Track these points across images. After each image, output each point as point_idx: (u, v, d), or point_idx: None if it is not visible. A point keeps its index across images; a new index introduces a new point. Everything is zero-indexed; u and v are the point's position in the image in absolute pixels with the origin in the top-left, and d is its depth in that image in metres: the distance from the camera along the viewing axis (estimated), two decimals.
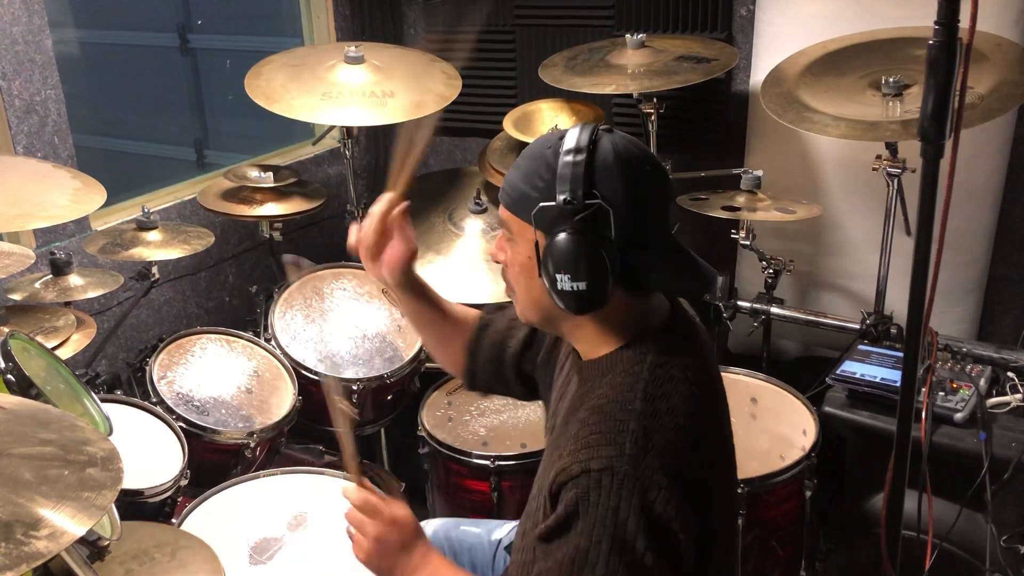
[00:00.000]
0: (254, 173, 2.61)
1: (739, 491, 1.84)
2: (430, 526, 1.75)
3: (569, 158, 1.16)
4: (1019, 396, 1.94)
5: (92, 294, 2.06)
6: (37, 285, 2.05)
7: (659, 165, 1.21)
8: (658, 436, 1.10)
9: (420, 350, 2.44)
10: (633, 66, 2.44)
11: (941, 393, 1.93)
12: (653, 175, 1.19)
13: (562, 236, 1.15)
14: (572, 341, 1.29)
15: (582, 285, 1.16)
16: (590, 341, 1.25)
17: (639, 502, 1.07)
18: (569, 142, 1.17)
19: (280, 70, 2.50)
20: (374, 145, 3.38)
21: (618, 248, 1.16)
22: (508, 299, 1.35)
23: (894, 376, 2.00)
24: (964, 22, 1.10)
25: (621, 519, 1.06)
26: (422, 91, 2.49)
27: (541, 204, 1.18)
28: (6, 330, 1.56)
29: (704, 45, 2.54)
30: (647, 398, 1.13)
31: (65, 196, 1.98)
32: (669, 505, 1.07)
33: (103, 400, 1.78)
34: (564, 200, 1.15)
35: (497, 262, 1.31)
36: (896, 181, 2.17)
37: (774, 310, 2.47)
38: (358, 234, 1.47)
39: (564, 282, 1.17)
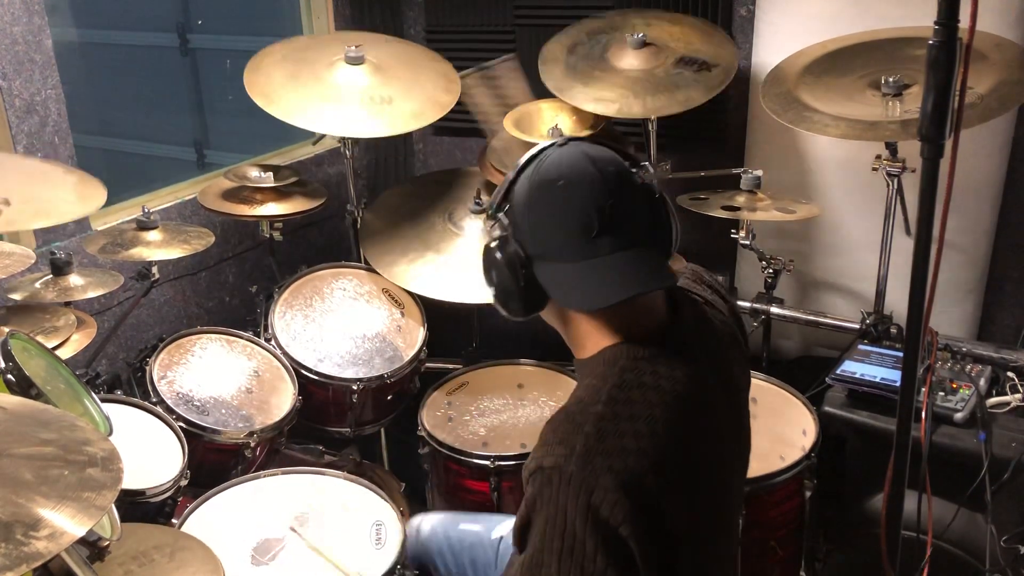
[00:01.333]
0: (254, 173, 2.61)
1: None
2: (428, 522, 1.75)
3: (514, 170, 1.22)
4: (1019, 396, 1.94)
5: (92, 294, 2.06)
6: (37, 285, 2.04)
7: (584, 180, 1.16)
8: (612, 440, 1.08)
9: (420, 350, 2.44)
10: (635, 71, 2.44)
11: (941, 393, 1.94)
12: (569, 189, 1.15)
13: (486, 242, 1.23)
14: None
15: (492, 289, 1.23)
16: (570, 342, 1.28)
17: (585, 502, 1.05)
18: (527, 154, 1.22)
19: (279, 65, 2.49)
20: (374, 145, 3.38)
21: (528, 260, 1.18)
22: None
23: (894, 376, 2.00)
24: (964, 22, 1.10)
25: (570, 518, 1.06)
26: (423, 99, 2.49)
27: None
28: (6, 330, 1.56)
29: (703, 39, 2.53)
30: (609, 401, 1.12)
31: (69, 193, 2.01)
32: (616, 509, 1.05)
33: (103, 400, 1.78)
34: (489, 210, 1.23)
35: None
36: (896, 181, 2.17)
37: (774, 310, 2.47)
38: None
39: (485, 283, 1.25)
